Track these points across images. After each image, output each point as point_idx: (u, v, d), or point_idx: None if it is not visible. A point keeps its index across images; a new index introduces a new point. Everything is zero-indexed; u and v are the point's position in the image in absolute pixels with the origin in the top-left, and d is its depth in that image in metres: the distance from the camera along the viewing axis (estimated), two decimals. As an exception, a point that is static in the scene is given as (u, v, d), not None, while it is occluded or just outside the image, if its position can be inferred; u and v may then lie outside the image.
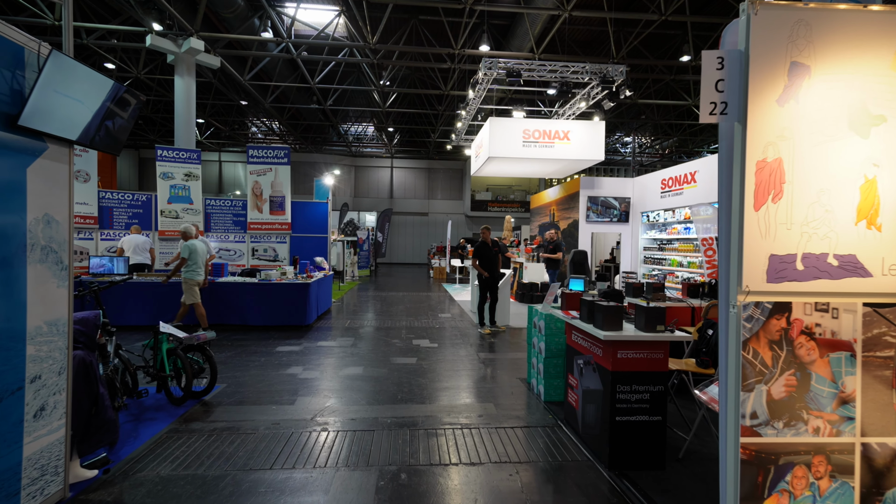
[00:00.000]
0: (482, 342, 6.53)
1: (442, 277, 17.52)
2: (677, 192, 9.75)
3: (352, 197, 27.34)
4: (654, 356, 2.76)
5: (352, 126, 24.09)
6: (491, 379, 4.80)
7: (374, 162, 27.75)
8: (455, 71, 14.01)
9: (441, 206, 27.93)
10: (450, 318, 8.55)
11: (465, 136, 15.55)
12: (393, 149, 26.42)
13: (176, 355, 3.86)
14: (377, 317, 8.48)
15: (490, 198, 27.17)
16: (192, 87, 12.14)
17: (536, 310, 4.22)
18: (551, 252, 10.02)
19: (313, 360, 5.28)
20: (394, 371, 4.99)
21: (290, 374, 4.78)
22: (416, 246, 27.67)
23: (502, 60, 8.81)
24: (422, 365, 5.25)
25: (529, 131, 10.17)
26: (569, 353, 3.50)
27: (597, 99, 10.13)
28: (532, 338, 4.34)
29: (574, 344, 3.37)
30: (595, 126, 10.33)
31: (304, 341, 6.27)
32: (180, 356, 3.80)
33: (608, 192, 11.78)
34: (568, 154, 10.34)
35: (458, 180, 28.28)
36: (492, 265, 7.13)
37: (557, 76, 9.15)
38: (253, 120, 22.23)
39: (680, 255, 9.73)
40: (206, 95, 17.67)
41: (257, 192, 9.62)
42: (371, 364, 5.23)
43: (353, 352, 5.77)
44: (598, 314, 2.86)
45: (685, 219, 9.48)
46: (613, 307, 2.78)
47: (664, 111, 18.42)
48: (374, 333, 6.95)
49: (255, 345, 6.00)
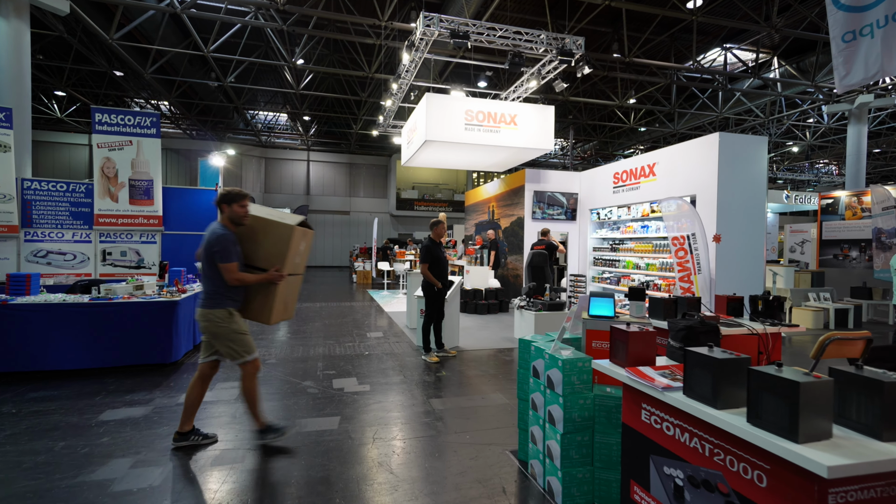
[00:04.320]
0: (429, 378, 4.80)
1: (367, 283, 15.46)
2: (633, 186, 8.85)
3: (262, 192, 24.05)
4: (893, 490, 1.26)
5: (261, 112, 20.97)
6: (455, 452, 3.09)
7: (289, 154, 24.70)
8: (381, 49, 12.12)
9: (364, 205, 25.70)
10: (381, 338, 6.70)
11: (392, 122, 13.70)
12: (310, 140, 23.63)
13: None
14: (284, 341, 6.36)
15: (417, 196, 25.56)
16: (25, 35, 8.87)
17: (539, 347, 2.60)
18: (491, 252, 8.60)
19: (159, 443, 3.15)
20: (303, 452, 3.07)
21: (100, 481, 2.65)
22: (336, 247, 25.12)
23: (445, 18, 7.17)
24: (348, 432, 3.38)
25: (473, 112, 8.66)
26: (632, 444, 1.91)
27: (548, 78, 8.91)
28: (532, 393, 2.71)
29: (647, 430, 1.79)
30: (544, 111, 9.12)
31: (157, 395, 4.03)
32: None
33: (555, 187, 10.71)
34: (515, 141, 8.99)
35: (382, 177, 26.26)
36: (443, 272, 5.44)
37: (510, 44, 7.72)
38: (134, 98, 18.22)
39: (636, 257, 8.86)
40: (64, 58, 13.81)
41: (109, 174, 6.94)
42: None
43: (237, 413, 3.71)
44: (781, 400, 1.27)
45: (643, 216, 8.60)
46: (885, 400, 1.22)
47: (590, 111, 18.16)
48: (276, 371, 4.89)
49: (63, 410, 3.66)
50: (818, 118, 16.45)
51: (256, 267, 3.05)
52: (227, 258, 2.85)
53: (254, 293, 3.08)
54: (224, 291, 2.94)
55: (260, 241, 3.04)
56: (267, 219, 3.04)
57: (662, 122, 17.71)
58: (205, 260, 2.91)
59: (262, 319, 3.09)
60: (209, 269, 2.92)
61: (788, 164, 23.43)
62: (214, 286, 2.93)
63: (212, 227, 2.94)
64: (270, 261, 3.03)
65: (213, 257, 2.86)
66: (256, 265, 3.05)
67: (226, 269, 2.87)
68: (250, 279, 2.95)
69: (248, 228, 3.04)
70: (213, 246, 2.84)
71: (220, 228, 2.92)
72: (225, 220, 2.98)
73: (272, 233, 3.03)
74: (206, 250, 2.89)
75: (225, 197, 2.96)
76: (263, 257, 3.04)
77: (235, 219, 2.97)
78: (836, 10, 3.46)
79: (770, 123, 17.01)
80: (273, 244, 3.03)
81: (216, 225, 2.96)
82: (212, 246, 2.85)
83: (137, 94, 17.39)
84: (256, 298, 3.08)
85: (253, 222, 3.03)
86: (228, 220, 2.97)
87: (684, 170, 7.36)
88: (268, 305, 3.06)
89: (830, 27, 3.52)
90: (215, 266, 2.88)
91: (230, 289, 2.95)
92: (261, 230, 3.04)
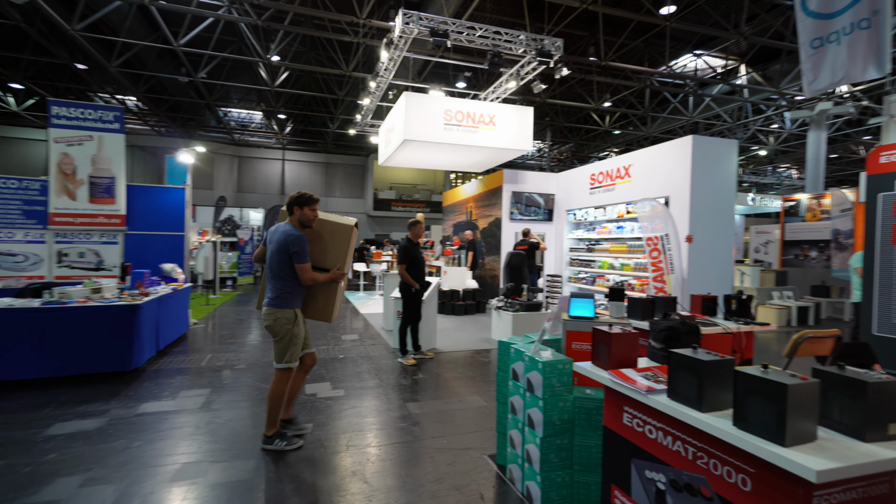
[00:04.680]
0: (406, 381, 4.69)
1: (344, 285, 15.19)
2: (609, 187, 8.98)
3: (234, 192, 23.38)
4: (875, 490, 1.23)
5: (234, 110, 20.35)
6: (432, 458, 3.00)
7: (263, 153, 24.10)
8: (359, 48, 11.93)
9: (340, 205, 25.30)
10: (356, 340, 6.54)
11: (370, 122, 13.52)
12: (285, 139, 23.11)
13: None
14: (256, 345, 6.13)
15: (394, 196, 25.36)
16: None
17: (519, 350, 2.54)
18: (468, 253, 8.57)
19: (114, 458, 2.94)
20: (272, 463, 2.92)
21: (43, 503, 2.44)
22: (312, 249, 24.63)
23: (424, 16, 7.07)
24: (320, 440, 3.24)
25: (452, 112, 8.60)
26: (613, 447, 1.86)
27: (527, 80, 8.94)
28: (511, 396, 2.64)
29: (628, 433, 1.75)
30: (523, 112, 9.15)
31: (113, 406, 3.79)
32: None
33: (532, 188, 10.76)
34: (493, 142, 8.98)
35: (359, 177, 25.94)
36: (421, 273, 5.34)
37: (489, 43, 7.68)
38: (98, 92, 17.36)
39: (611, 257, 8.97)
40: (21, 48, 13.03)
41: (67, 170, 6.55)
42: (229, 450, 3.07)
43: (202, 423, 3.52)
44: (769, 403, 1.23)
45: (619, 217, 8.72)
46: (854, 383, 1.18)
47: (567, 113, 18.37)
48: (246, 377, 4.69)
49: (6, 425, 3.39)
50: (781, 124, 17.12)
51: (319, 267, 3.12)
52: (304, 259, 2.93)
53: (318, 293, 3.16)
54: (295, 292, 3.02)
55: (326, 242, 3.15)
56: (329, 220, 3.17)
57: (636, 126, 18.09)
58: (278, 260, 2.95)
59: (324, 318, 3.20)
60: (283, 270, 2.96)
61: (753, 167, 24.32)
62: (287, 286, 2.98)
63: (284, 229, 2.99)
64: (334, 261, 3.15)
65: (290, 258, 2.93)
66: (320, 266, 3.13)
67: (302, 270, 2.94)
68: (321, 279, 3.03)
69: (313, 230, 3.13)
70: (292, 246, 2.91)
71: (293, 230, 2.98)
72: (294, 221, 3.06)
73: (336, 234, 3.17)
74: (281, 251, 2.93)
75: (297, 200, 3.04)
76: (328, 258, 3.15)
77: (305, 221, 3.06)
78: (806, 16, 3.54)
79: (737, 128, 17.60)
80: (337, 245, 3.17)
81: (288, 227, 3.01)
82: (290, 246, 2.91)
83: (102, 89, 16.59)
84: (319, 298, 3.17)
85: (318, 224, 3.14)
86: (298, 222, 3.05)
87: (658, 172, 7.49)
88: (330, 304, 3.19)
89: (799, 33, 3.60)
90: (291, 266, 2.94)
91: (300, 289, 3.04)
92: (326, 232, 3.15)
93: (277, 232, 3.01)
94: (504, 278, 8.65)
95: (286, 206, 3.07)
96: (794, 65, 12.02)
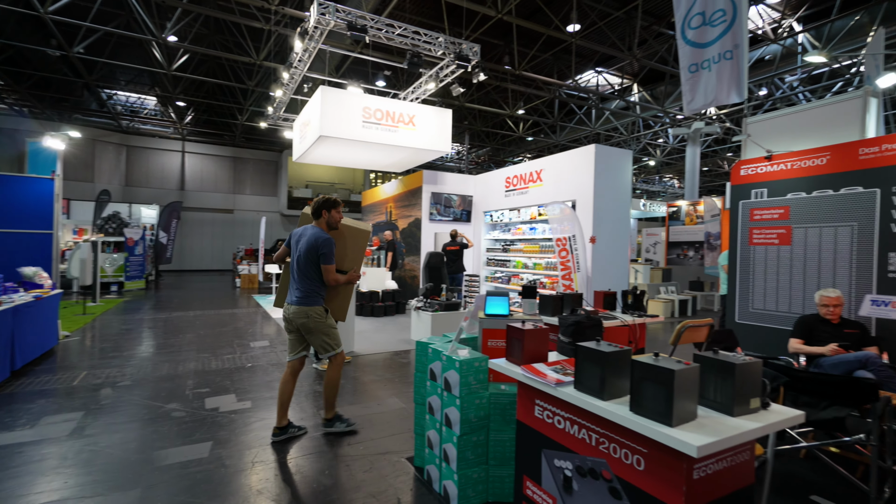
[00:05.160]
0: (322, 387, 4.48)
1: (253, 287, 14.18)
2: (522, 190, 9.45)
3: (122, 185, 20.65)
4: (740, 458, 1.41)
5: (122, 93, 17.94)
6: (347, 466, 2.89)
7: (158, 143, 21.58)
8: (271, 35, 11.20)
9: (251, 203, 23.60)
10: (267, 347, 6.12)
11: (283, 115, 12.76)
12: (185, 129, 20.93)
13: None
14: (145, 358, 5.44)
15: (311, 195, 24.24)
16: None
17: (436, 349, 2.54)
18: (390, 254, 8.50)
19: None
20: (161, 490, 2.59)
21: None
22: (217, 249, 22.65)
23: (342, 9, 6.82)
24: (221, 459, 2.95)
25: (371, 110, 8.43)
26: (526, 440, 1.93)
27: (445, 82, 9.06)
28: (429, 396, 2.63)
29: (539, 425, 1.82)
30: (442, 114, 9.27)
31: (-48, 440, 3.11)
32: None
33: (451, 189, 10.96)
34: (413, 142, 8.98)
35: (271, 174, 24.38)
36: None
37: (409, 43, 7.65)
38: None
39: (525, 257, 9.45)
40: None
41: None
42: (106, 481, 2.67)
43: (71, 453, 3.02)
44: (659, 387, 1.34)
45: (532, 219, 9.21)
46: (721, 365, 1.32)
47: (485, 118, 19.05)
48: (132, 395, 4.13)
49: None
50: (666, 139, 19.41)
51: (338, 269, 3.25)
52: (331, 260, 3.09)
53: (337, 293, 3.29)
54: (320, 290, 3.17)
55: (346, 246, 3.28)
56: (349, 225, 3.30)
57: (547, 133, 19.31)
58: (307, 261, 3.10)
59: (340, 317, 3.32)
60: (311, 269, 3.11)
61: (644, 176, 27.28)
62: (314, 285, 3.14)
63: (313, 232, 3.14)
64: (351, 264, 3.30)
65: (318, 259, 3.08)
66: (340, 268, 3.26)
67: (327, 270, 3.10)
68: (342, 280, 3.21)
69: (337, 233, 3.24)
70: (322, 247, 3.06)
71: (322, 233, 3.14)
72: (322, 224, 3.20)
73: (355, 238, 3.31)
74: (311, 251, 3.09)
75: (326, 203, 3.20)
76: (347, 260, 3.29)
77: (332, 223, 3.21)
78: (685, 44, 4.02)
79: (631, 140, 19.59)
80: (355, 248, 3.32)
81: (317, 230, 3.16)
82: (320, 247, 3.06)
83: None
84: (336, 299, 3.29)
85: (342, 228, 3.26)
86: (326, 224, 3.20)
87: (566, 177, 8.04)
88: (346, 304, 3.34)
89: (680, 59, 4.08)
90: (318, 266, 3.10)
91: (324, 288, 3.19)
92: (347, 235, 3.28)
93: (306, 234, 3.18)
94: (423, 279, 8.70)
95: (313, 210, 3.20)
96: (675, 87, 13.70)
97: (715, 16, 3.63)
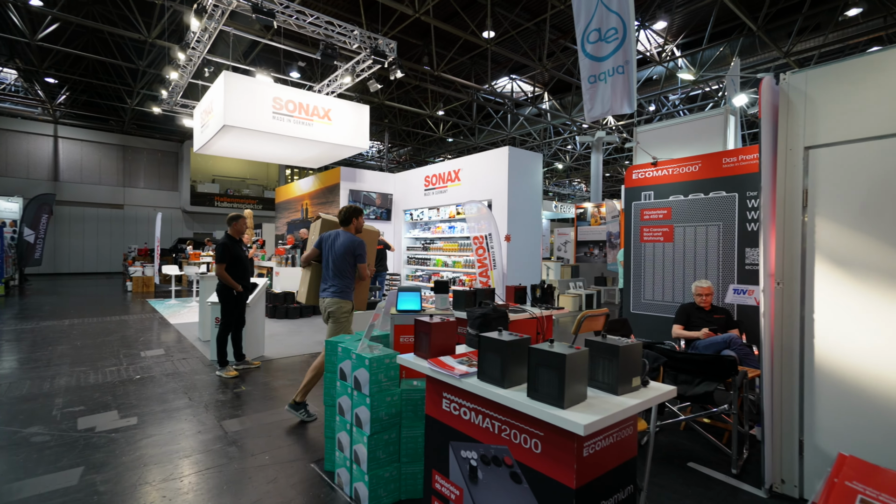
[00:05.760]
0: (225, 396, 4.13)
1: (148, 291, 12.69)
2: (441, 189, 9.57)
3: (-30, 173, 17.29)
4: (624, 433, 1.53)
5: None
6: (251, 478, 2.69)
7: (21, 125, 18.39)
8: (166, 11, 10.08)
9: (145, 198, 21.10)
10: (162, 356, 5.50)
11: (182, 101, 11.58)
12: (57, 110, 18.07)
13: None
14: (6, 374, 4.58)
15: (218, 191, 22.34)
16: None
17: (346, 348, 2.45)
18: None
19: None
20: (12, 526, 2.19)
21: None
22: (104, 249, 19.95)
23: (246, -11, 6.33)
24: (94, 486, 2.58)
25: (282, 101, 7.97)
26: (435, 434, 1.93)
27: (362, 77, 8.86)
28: (339, 397, 2.53)
29: (447, 418, 1.84)
30: (359, 109, 9.06)
31: None
32: None
33: (371, 187, 10.76)
34: (329, 137, 8.67)
35: (171, 166, 22.01)
36: (244, 273, 4.76)
37: (322, 33, 7.33)
38: None
39: (444, 255, 9.58)
40: None
41: None
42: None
43: None
44: (553, 372, 1.41)
45: (450, 217, 9.36)
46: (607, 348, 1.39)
47: (405, 118, 19.03)
48: (-21, 421, 3.45)
49: None
50: (574, 145, 20.95)
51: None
52: (365, 259, 3.61)
53: (361, 287, 3.77)
54: (352, 287, 3.63)
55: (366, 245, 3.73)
56: (368, 228, 3.86)
57: (466, 136, 19.79)
58: (343, 261, 3.54)
59: (361, 307, 3.82)
60: (347, 268, 3.57)
61: (555, 180, 29.20)
62: (348, 283, 3.59)
63: (347, 236, 3.58)
64: (369, 260, 3.75)
65: (355, 259, 3.56)
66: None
67: (363, 268, 3.59)
68: (368, 276, 3.67)
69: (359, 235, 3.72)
70: (358, 249, 3.55)
71: (354, 237, 3.60)
72: (352, 229, 3.66)
73: (369, 237, 3.82)
74: (347, 253, 3.53)
75: (354, 211, 3.67)
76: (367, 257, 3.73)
77: (359, 228, 3.70)
78: (585, 57, 4.34)
79: (543, 146, 20.83)
80: (371, 249, 3.83)
81: (348, 234, 3.61)
82: (356, 248, 3.54)
83: None
84: (360, 292, 3.77)
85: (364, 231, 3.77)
86: (355, 229, 3.67)
87: (483, 177, 8.29)
88: (365, 296, 3.83)
89: (581, 70, 4.40)
90: (353, 266, 3.58)
91: (353, 285, 3.65)
92: (366, 237, 3.77)
93: (339, 238, 3.58)
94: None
95: (343, 217, 3.64)
96: (580, 98, 14.83)
97: (609, 32, 3.96)
